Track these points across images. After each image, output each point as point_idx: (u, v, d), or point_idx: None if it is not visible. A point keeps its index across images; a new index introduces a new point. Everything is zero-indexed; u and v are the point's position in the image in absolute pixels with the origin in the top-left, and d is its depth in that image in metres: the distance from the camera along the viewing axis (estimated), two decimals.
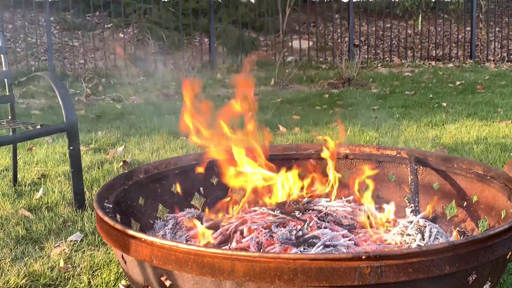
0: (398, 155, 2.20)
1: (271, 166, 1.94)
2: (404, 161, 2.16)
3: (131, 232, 1.41)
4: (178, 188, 2.10)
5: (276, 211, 1.76)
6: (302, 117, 5.16)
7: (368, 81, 7.61)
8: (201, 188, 2.17)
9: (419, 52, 10.44)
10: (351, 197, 2.03)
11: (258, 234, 1.68)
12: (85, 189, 3.00)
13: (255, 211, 1.80)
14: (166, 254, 1.32)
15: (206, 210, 1.99)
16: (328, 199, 1.95)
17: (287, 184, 1.93)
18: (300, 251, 1.58)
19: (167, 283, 1.41)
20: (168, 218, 1.99)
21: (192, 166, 2.11)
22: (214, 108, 1.80)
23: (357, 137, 4.25)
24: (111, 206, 1.71)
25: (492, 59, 10.14)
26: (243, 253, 1.26)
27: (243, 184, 1.94)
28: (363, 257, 1.22)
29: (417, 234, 1.72)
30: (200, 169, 2.07)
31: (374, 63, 9.61)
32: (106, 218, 1.50)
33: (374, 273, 1.22)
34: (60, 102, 2.64)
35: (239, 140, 1.81)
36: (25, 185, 3.21)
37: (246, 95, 1.86)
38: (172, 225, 1.89)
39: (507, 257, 1.46)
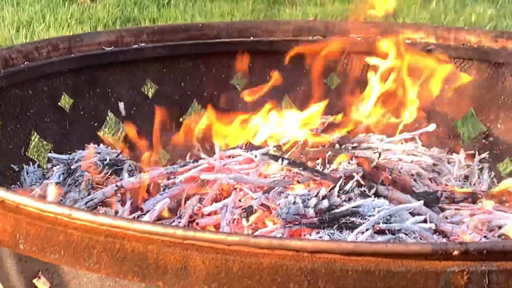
0: None
1: None
2: None
3: None
4: (71, 99, 1.50)
5: (280, 158, 1.15)
6: None
7: None
8: (122, 103, 1.51)
9: None
10: (430, 129, 1.38)
11: (240, 200, 1.12)
12: None
13: (234, 156, 1.22)
14: (48, 231, 0.91)
15: (140, 152, 1.39)
16: (384, 135, 1.34)
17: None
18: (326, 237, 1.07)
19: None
20: (51, 161, 1.42)
21: (107, 54, 1.46)
22: None
23: (453, 16, 2.93)
24: None
25: None
26: (208, 235, 0.83)
27: None
28: (455, 252, 0.79)
29: None
30: None
31: None
32: None
33: (477, 285, 0.77)
34: None
35: None
36: None
37: None
38: (61, 176, 1.33)
39: None
